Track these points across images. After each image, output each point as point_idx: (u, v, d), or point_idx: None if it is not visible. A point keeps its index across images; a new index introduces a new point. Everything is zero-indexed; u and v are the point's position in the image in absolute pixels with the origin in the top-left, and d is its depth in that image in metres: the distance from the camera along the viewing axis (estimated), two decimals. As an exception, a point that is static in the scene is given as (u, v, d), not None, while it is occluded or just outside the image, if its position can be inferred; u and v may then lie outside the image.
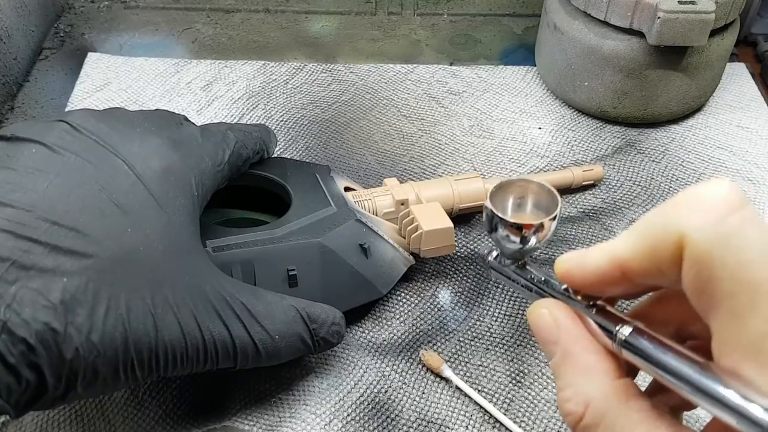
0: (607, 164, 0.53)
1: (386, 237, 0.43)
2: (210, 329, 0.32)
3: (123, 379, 0.31)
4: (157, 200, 0.32)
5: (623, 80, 0.53)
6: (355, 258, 0.41)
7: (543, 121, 0.57)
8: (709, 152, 0.55)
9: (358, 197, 0.44)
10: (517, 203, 0.27)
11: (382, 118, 0.57)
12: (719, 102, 0.59)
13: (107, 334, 0.29)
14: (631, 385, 0.22)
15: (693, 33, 0.49)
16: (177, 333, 0.31)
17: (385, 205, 0.44)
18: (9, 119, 0.57)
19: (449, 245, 0.43)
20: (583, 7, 0.53)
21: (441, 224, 0.42)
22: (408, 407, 0.39)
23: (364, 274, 0.41)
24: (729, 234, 0.18)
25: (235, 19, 0.67)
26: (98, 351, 0.29)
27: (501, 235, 0.26)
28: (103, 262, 0.29)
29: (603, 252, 0.22)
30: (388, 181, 0.46)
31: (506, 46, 0.66)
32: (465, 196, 0.46)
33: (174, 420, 0.38)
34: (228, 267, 0.37)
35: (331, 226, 0.41)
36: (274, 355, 0.35)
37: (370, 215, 0.43)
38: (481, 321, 0.43)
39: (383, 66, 0.61)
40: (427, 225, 0.42)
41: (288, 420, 0.38)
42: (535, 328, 0.24)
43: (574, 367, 0.22)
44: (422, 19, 0.68)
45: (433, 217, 0.43)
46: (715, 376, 0.18)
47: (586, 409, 0.21)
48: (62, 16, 0.67)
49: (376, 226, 0.42)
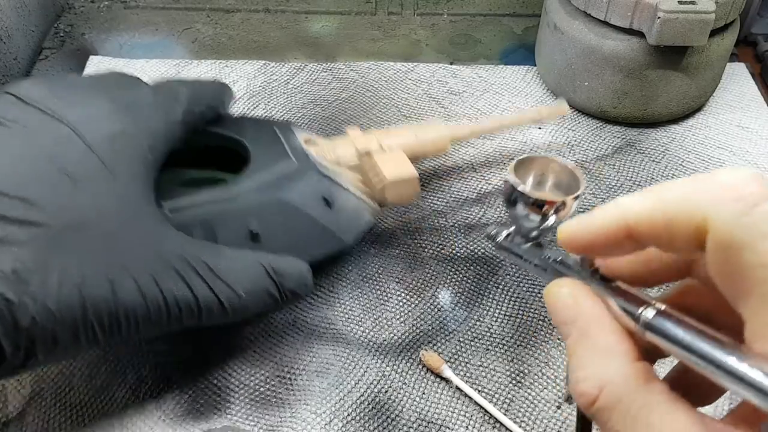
0: (607, 164, 0.53)
1: (350, 187, 0.42)
2: (172, 290, 0.32)
3: (84, 343, 0.31)
4: (107, 166, 0.32)
5: (623, 80, 0.53)
6: (317, 210, 0.40)
7: (543, 121, 0.57)
8: (709, 152, 0.55)
9: (320, 149, 0.43)
10: (537, 180, 0.26)
11: (382, 117, 0.57)
12: (719, 102, 0.59)
13: (63, 301, 0.29)
14: (650, 368, 0.21)
15: (693, 33, 0.49)
16: (136, 296, 0.31)
17: (347, 156, 0.44)
18: (9, 119, 0.57)
19: (414, 193, 0.43)
20: (583, 7, 0.53)
21: (405, 173, 0.42)
22: (408, 407, 0.39)
23: (327, 225, 0.40)
24: (758, 222, 0.18)
25: (235, 19, 0.67)
26: (55, 318, 0.29)
27: (520, 210, 0.26)
28: (54, 231, 0.30)
29: (612, 210, 0.22)
30: (351, 130, 0.46)
31: (506, 46, 0.66)
32: (429, 143, 0.46)
33: (174, 420, 0.38)
34: (187, 228, 0.36)
35: (291, 180, 0.40)
36: (240, 311, 0.35)
37: (332, 167, 0.42)
38: (481, 321, 0.43)
39: (383, 64, 0.62)
40: (390, 174, 0.42)
41: (288, 420, 0.38)
42: (552, 308, 0.24)
43: (591, 348, 0.22)
44: (422, 19, 0.68)
45: (396, 165, 0.42)
46: (748, 357, 0.18)
47: (601, 391, 0.21)
48: (62, 16, 0.67)
49: (338, 177, 0.42)
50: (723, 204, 0.19)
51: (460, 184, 0.51)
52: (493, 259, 0.46)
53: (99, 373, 0.40)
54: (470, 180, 0.52)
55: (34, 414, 0.38)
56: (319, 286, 0.45)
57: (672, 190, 0.20)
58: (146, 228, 0.33)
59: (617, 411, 0.20)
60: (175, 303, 0.33)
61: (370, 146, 0.44)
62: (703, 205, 0.19)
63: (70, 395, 0.39)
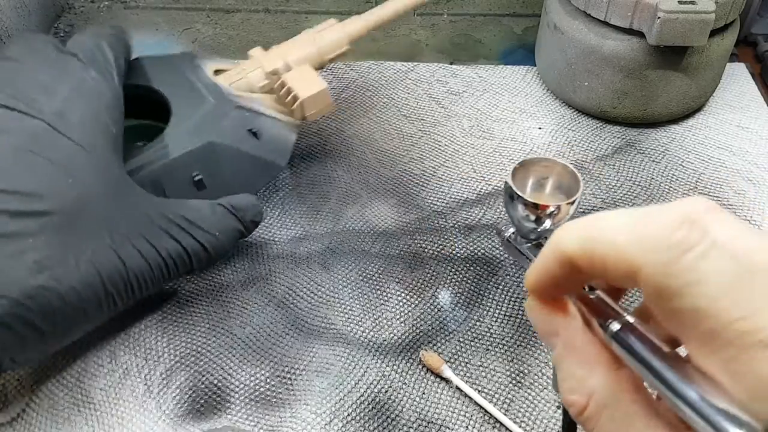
0: (607, 164, 0.53)
1: (268, 112, 0.45)
2: (165, 247, 0.37)
3: (106, 311, 0.35)
4: (84, 147, 0.35)
5: (623, 80, 0.53)
6: (247, 144, 0.43)
7: (543, 121, 0.57)
8: (709, 152, 0.55)
9: (230, 78, 0.46)
10: (538, 182, 0.27)
11: (382, 117, 0.57)
12: (719, 102, 0.59)
13: (84, 278, 0.33)
14: (631, 376, 0.22)
15: (693, 33, 0.49)
16: (139, 260, 0.35)
17: (258, 80, 0.46)
18: (9, 119, 0.57)
19: (328, 103, 0.46)
20: (583, 7, 0.53)
21: (316, 87, 0.45)
22: (408, 407, 0.39)
23: (260, 156, 0.44)
24: (685, 270, 0.18)
25: (235, 19, 0.67)
26: (80, 295, 0.33)
27: (519, 213, 0.27)
28: (59, 217, 0.32)
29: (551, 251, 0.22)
30: (254, 51, 0.47)
31: (506, 46, 0.66)
32: (329, 48, 0.49)
33: (174, 420, 0.38)
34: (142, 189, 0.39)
35: (215, 120, 0.42)
36: (220, 250, 0.40)
37: (247, 95, 0.45)
38: (481, 321, 0.43)
39: (383, 63, 0.62)
40: (303, 92, 0.45)
41: (289, 420, 0.38)
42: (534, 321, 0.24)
43: (576, 359, 0.22)
44: (422, 19, 0.68)
45: (306, 81, 0.45)
46: (696, 385, 0.18)
47: (590, 399, 0.21)
48: (62, 16, 0.67)
49: (256, 104, 0.44)
50: (652, 253, 0.19)
51: (460, 184, 0.52)
52: (493, 259, 0.46)
53: (99, 373, 0.40)
54: (470, 181, 0.52)
55: (34, 414, 0.38)
56: (319, 286, 0.45)
57: (604, 233, 0.20)
58: (130, 198, 0.37)
59: (604, 418, 0.21)
60: (170, 257, 0.37)
61: (276, 65, 0.46)
62: (633, 254, 0.19)
63: (69, 395, 0.39)
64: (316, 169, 0.52)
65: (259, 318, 0.43)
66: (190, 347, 0.41)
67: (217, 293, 0.44)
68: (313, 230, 0.48)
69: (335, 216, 0.49)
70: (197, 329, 0.42)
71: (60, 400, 0.39)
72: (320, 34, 0.48)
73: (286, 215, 0.49)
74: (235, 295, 0.44)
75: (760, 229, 0.49)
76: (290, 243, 0.47)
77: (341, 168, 0.52)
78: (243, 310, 0.43)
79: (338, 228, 0.48)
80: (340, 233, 0.48)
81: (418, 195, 0.51)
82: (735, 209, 0.50)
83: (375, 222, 0.49)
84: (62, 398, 0.39)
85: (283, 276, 0.45)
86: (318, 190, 0.51)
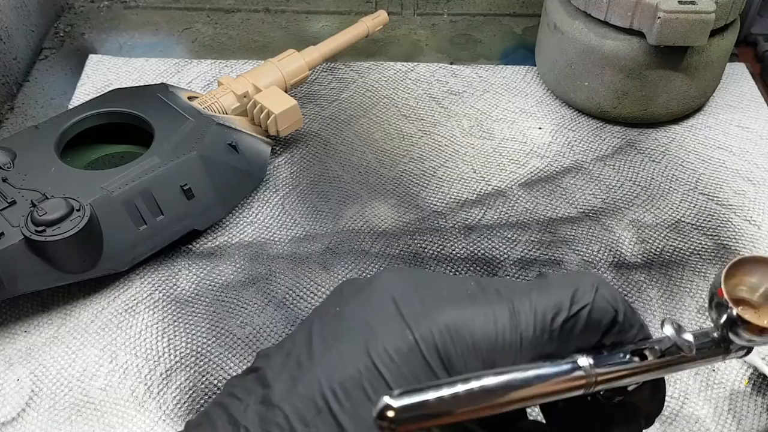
0: (607, 164, 0.53)
1: (244, 130, 0.48)
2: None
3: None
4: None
5: (623, 80, 0.53)
6: (228, 156, 0.46)
7: (543, 121, 0.57)
8: (709, 152, 0.55)
9: (204, 103, 0.49)
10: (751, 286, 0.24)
11: (382, 117, 0.57)
12: (719, 102, 0.59)
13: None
14: None
15: (693, 33, 0.49)
16: None
17: (230, 102, 0.50)
18: (9, 119, 0.57)
19: (299, 119, 0.50)
20: (583, 7, 0.53)
21: (288, 104, 0.49)
22: (408, 407, 0.39)
23: (241, 167, 0.47)
24: None
25: (235, 19, 0.67)
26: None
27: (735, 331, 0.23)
28: None
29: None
30: (223, 79, 0.51)
31: (506, 46, 0.66)
32: (293, 74, 0.53)
33: (174, 420, 0.38)
34: (131, 201, 0.42)
35: (198, 136, 0.45)
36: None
37: (222, 116, 0.49)
38: (481, 321, 0.43)
39: (383, 64, 0.62)
40: (276, 108, 0.49)
41: (288, 420, 0.38)
42: None
43: None
44: (422, 19, 0.68)
45: (277, 99, 0.49)
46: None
47: None
48: (62, 16, 0.67)
49: (232, 123, 0.48)
50: None
51: (460, 184, 0.51)
52: (493, 259, 0.46)
53: (99, 373, 0.40)
54: (470, 181, 0.52)
55: (33, 414, 0.38)
56: (319, 286, 0.45)
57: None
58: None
59: None
60: None
61: (246, 89, 0.51)
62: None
63: (69, 395, 0.39)
64: (316, 169, 0.52)
65: (259, 318, 0.43)
66: (190, 347, 0.41)
67: (217, 293, 0.44)
68: (313, 230, 0.48)
69: (335, 216, 0.49)
70: (197, 329, 0.42)
71: (60, 400, 0.39)
72: (282, 62, 0.53)
73: (286, 215, 0.49)
74: (235, 295, 0.44)
75: (759, 229, 0.49)
76: (290, 243, 0.47)
77: (341, 168, 0.52)
78: (243, 310, 0.43)
79: (338, 228, 0.48)
80: (340, 233, 0.48)
81: (418, 195, 0.51)
82: (735, 209, 0.50)
83: (375, 222, 0.49)
84: (62, 398, 0.39)
85: (283, 276, 0.45)
86: (318, 190, 0.51)
